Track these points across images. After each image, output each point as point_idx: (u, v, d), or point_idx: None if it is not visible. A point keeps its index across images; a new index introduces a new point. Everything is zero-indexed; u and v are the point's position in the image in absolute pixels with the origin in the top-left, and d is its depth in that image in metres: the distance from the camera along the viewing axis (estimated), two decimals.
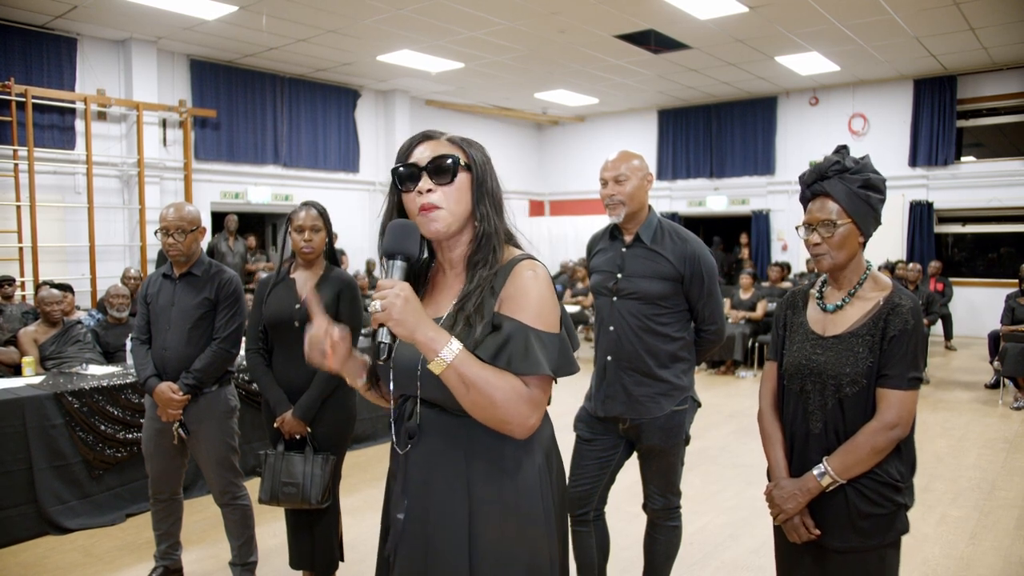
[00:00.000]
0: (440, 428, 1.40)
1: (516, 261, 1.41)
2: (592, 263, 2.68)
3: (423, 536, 1.39)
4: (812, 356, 1.85)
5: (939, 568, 3.37)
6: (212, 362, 2.94)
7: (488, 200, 1.43)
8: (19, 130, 7.83)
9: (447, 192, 1.39)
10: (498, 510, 1.37)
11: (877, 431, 1.74)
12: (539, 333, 1.34)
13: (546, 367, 1.33)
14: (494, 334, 1.34)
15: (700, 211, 13.17)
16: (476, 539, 1.36)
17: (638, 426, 2.50)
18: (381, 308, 1.24)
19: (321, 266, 2.94)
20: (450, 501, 1.37)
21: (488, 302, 1.36)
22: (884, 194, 1.85)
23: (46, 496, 3.74)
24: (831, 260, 1.83)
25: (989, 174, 10.60)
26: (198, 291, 2.97)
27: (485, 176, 1.44)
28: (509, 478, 1.38)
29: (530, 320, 1.34)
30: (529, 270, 1.39)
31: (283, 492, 2.77)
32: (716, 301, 2.53)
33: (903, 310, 1.76)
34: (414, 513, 1.40)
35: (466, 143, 1.45)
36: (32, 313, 5.74)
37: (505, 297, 1.37)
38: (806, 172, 1.90)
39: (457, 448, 1.38)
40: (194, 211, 2.99)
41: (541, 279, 1.39)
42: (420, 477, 1.40)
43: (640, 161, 2.54)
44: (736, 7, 7.53)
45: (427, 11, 7.64)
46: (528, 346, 1.32)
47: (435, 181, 1.38)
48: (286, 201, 10.52)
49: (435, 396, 1.38)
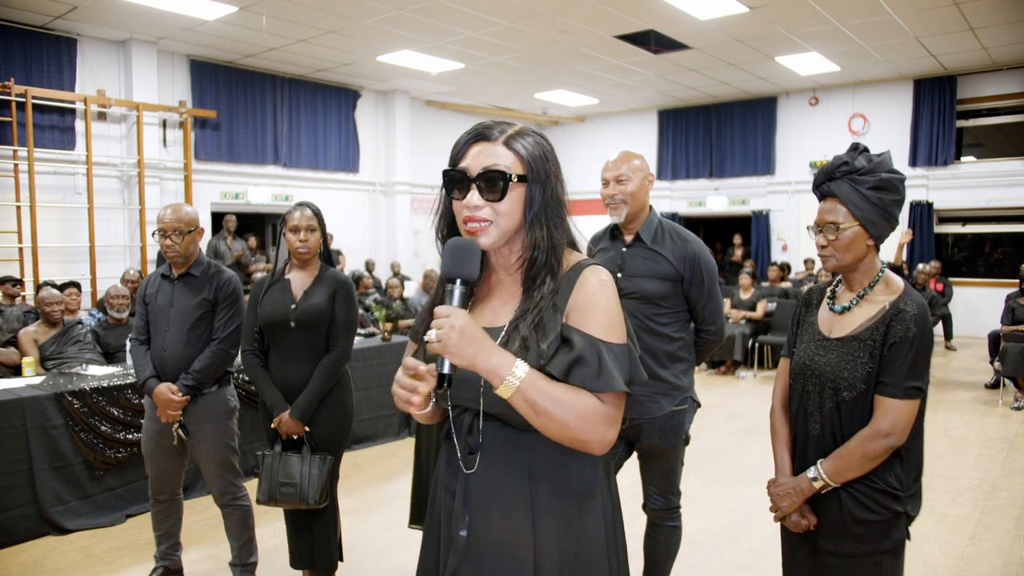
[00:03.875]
0: (502, 442, 1.32)
1: (581, 268, 1.32)
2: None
3: (487, 555, 1.32)
4: (815, 357, 1.84)
5: (939, 568, 3.37)
6: (211, 363, 2.94)
7: (545, 215, 1.32)
8: (19, 130, 7.83)
9: (497, 208, 1.28)
10: (562, 527, 1.31)
11: (869, 438, 1.71)
12: (611, 346, 1.27)
13: (621, 382, 1.25)
14: (564, 349, 1.26)
15: (700, 211, 13.17)
16: (541, 557, 1.30)
17: (638, 426, 2.50)
18: (437, 339, 1.17)
19: (316, 266, 2.94)
20: (514, 518, 1.31)
21: (550, 318, 1.28)
22: (901, 194, 1.79)
23: (46, 496, 3.75)
24: (836, 262, 1.81)
25: (989, 174, 10.61)
26: (197, 292, 2.97)
27: (544, 185, 1.32)
28: (574, 494, 1.32)
29: (601, 333, 1.27)
30: (595, 277, 1.31)
31: (281, 492, 2.77)
32: (716, 301, 2.53)
33: (906, 316, 1.71)
34: (477, 531, 1.33)
35: (526, 143, 1.32)
36: (32, 313, 5.74)
37: (573, 307, 1.29)
38: (818, 171, 1.87)
39: (520, 463, 1.31)
40: (191, 212, 2.98)
41: (608, 287, 1.31)
42: (482, 493, 1.32)
43: (641, 161, 2.54)
44: (736, 7, 7.53)
45: (427, 11, 7.64)
46: (601, 362, 1.25)
47: (485, 196, 1.28)
48: (286, 201, 10.51)
49: (498, 410, 1.30)
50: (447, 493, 1.38)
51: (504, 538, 1.31)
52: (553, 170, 1.35)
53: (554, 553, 1.30)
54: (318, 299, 2.84)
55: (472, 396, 1.31)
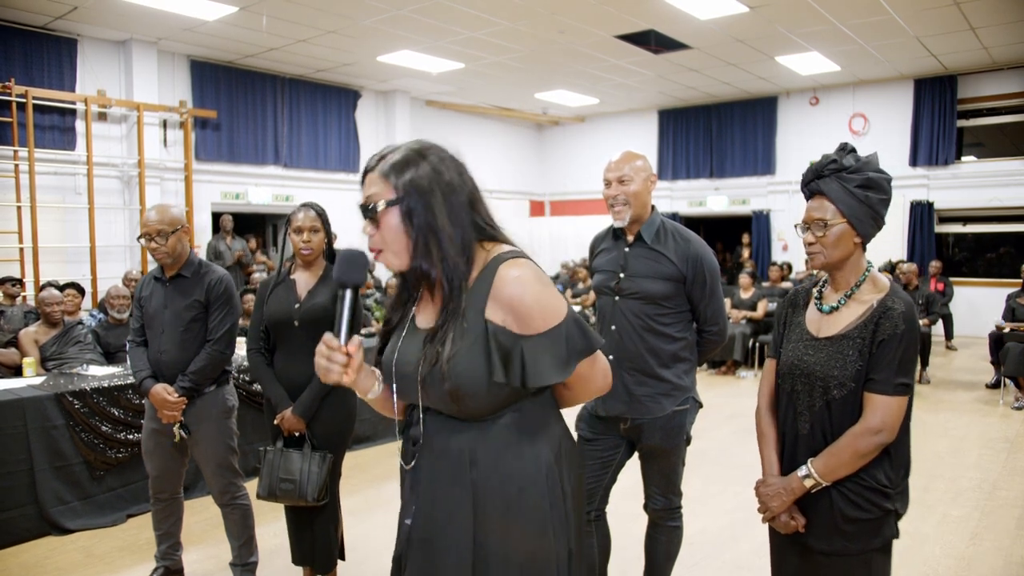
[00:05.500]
0: (445, 433, 1.39)
1: (496, 265, 1.35)
2: (595, 263, 2.68)
3: (429, 540, 1.39)
4: (804, 357, 1.84)
5: (940, 568, 3.36)
6: (207, 364, 2.94)
7: (431, 227, 1.33)
8: (20, 131, 7.83)
9: (382, 235, 1.36)
10: (502, 509, 1.37)
11: (860, 435, 1.72)
12: (557, 331, 1.33)
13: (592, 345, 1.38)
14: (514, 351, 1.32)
15: (700, 211, 13.16)
16: (480, 540, 1.36)
17: (639, 426, 2.50)
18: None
19: (321, 266, 2.96)
20: (455, 504, 1.37)
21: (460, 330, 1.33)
22: (887, 193, 1.80)
23: (47, 497, 3.75)
24: (824, 259, 1.82)
25: (989, 174, 10.60)
26: (188, 293, 2.96)
27: (426, 195, 1.33)
28: (514, 478, 1.37)
29: (542, 326, 1.32)
30: (509, 272, 1.33)
31: (280, 488, 2.79)
32: (718, 302, 2.52)
33: (894, 314, 1.72)
34: (420, 518, 1.41)
35: (396, 165, 1.34)
36: (33, 314, 5.75)
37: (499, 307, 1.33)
38: (807, 169, 1.88)
39: (461, 451, 1.38)
40: (175, 212, 2.96)
41: (526, 278, 1.32)
42: (426, 481, 1.41)
43: (644, 162, 2.54)
44: (736, 7, 7.53)
45: (427, 11, 7.64)
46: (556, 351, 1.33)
47: (370, 226, 1.37)
48: (287, 202, 10.51)
49: (438, 404, 1.38)
50: (401, 484, 1.49)
51: (445, 523, 1.37)
52: (435, 177, 1.35)
53: (494, 532, 1.36)
54: (322, 298, 2.86)
55: (411, 391, 1.39)
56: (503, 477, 1.37)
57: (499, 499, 1.37)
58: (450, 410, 1.37)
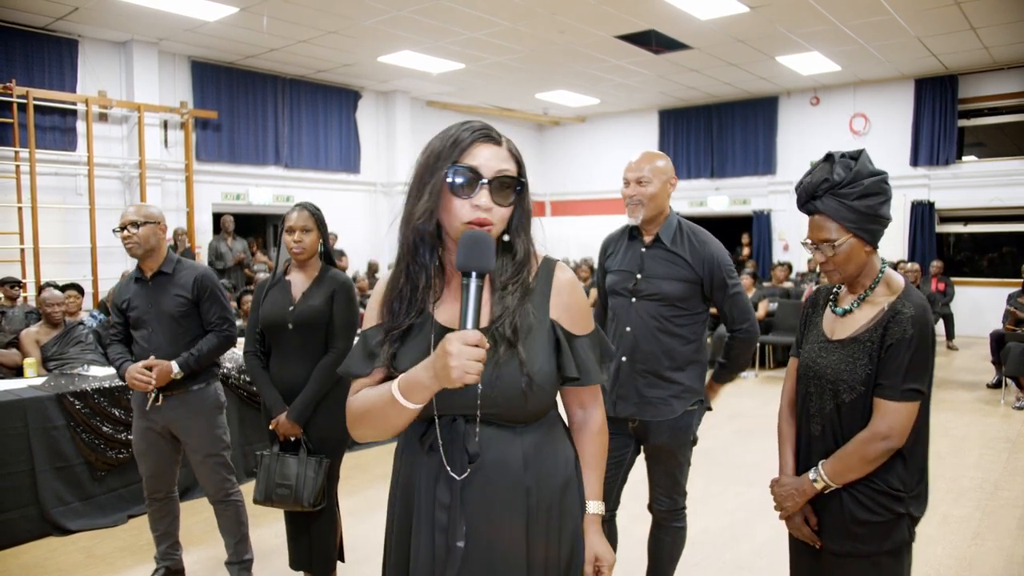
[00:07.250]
0: (498, 441, 1.32)
1: (551, 265, 1.41)
2: (608, 263, 2.67)
3: (485, 561, 1.32)
4: (817, 359, 1.84)
5: (941, 568, 3.36)
6: (215, 346, 2.98)
7: (527, 221, 1.38)
8: (20, 132, 7.84)
9: (501, 213, 1.30)
10: (548, 511, 1.36)
11: (867, 441, 1.71)
12: (595, 335, 1.42)
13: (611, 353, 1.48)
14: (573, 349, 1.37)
15: (701, 211, 13.14)
16: (530, 544, 1.33)
17: (646, 424, 2.50)
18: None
19: (316, 267, 2.91)
20: (512, 512, 1.32)
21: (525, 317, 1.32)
22: (887, 194, 1.76)
23: (48, 497, 3.75)
24: (840, 276, 1.80)
25: (990, 174, 10.59)
26: (172, 289, 2.97)
27: (527, 191, 1.36)
28: (557, 477, 1.38)
29: (586, 328, 1.41)
30: (564, 274, 1.41)
31: (276, 493, 2.77)
32: (742, 299, 2.50)
33: (903, 318, 1.70)
34: (474, 539, 1.31)
35: (516, 151, 1.35)
36: (34, 314, 5.75)
37: (556, 304, 1.38)
38: (799, 186, 1.82)
39: (515, 456, 1.32)
40: (154, 210, 3.02)
41: (577, 281, 1.43)
42: (477, 499, 1.31)
43: (665, 162, 2.52)
44: (737, 7, 7.53)
45: (428, 12, 7.64)
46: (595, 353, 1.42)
47: (494, 199, 1.28)
48: (287, 202, 10.51)
49: (495, 410, 1.30)
50: (439, 507, 1.33)
51: (500, 542, 1.32)
52: None
53: (543, 552, 1.35)
54: (316, 300, 2.82)
55: (465, 402, 1.29)
56: (550, 477, 1.36)
57: (546, 500, 1.35)
58: (512, 410, 1.30)
